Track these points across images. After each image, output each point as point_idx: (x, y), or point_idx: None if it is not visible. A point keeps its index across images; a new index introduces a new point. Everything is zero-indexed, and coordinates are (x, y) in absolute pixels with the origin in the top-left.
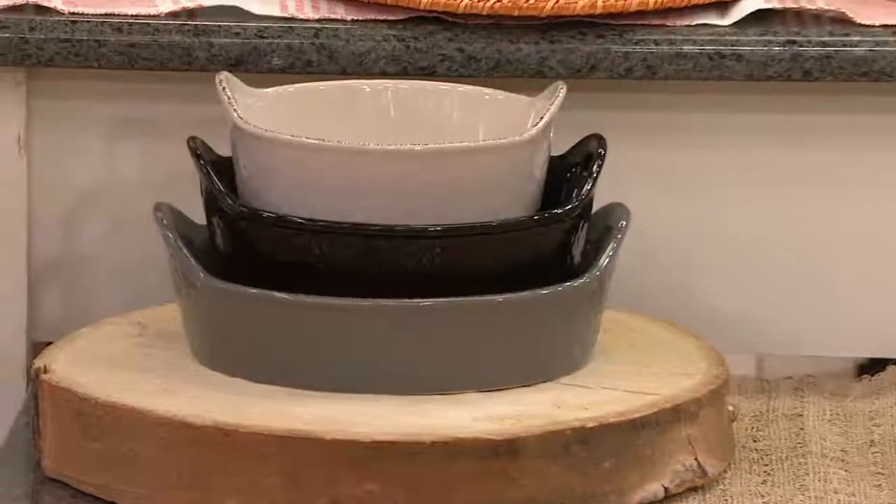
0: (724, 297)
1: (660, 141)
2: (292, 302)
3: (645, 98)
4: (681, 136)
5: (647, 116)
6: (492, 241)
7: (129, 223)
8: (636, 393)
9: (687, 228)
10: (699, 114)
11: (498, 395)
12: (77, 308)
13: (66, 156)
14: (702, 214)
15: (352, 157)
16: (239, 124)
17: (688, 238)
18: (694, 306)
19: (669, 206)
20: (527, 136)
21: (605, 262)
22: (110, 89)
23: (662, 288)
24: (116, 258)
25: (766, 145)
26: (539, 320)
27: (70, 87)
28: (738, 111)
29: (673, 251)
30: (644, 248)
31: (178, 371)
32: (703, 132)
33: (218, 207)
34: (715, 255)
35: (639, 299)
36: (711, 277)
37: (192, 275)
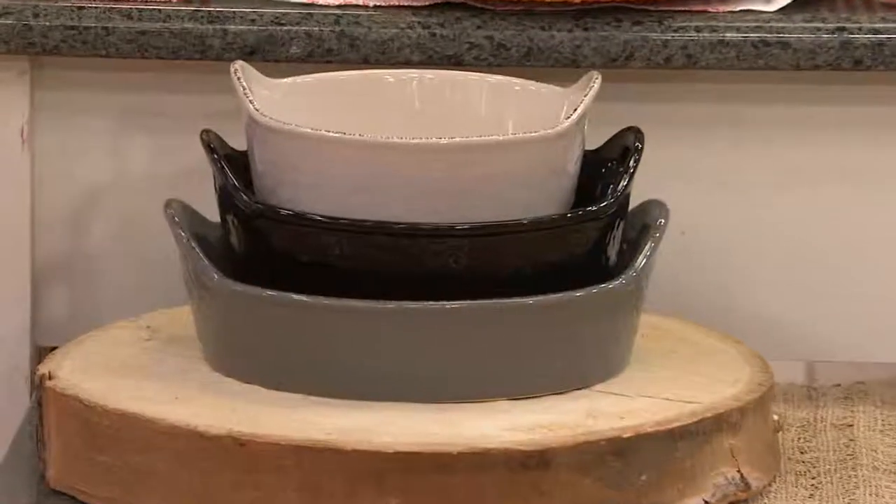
0: (768, 300)
1: (700, 134)
2: (311, 304)
3: (685, 89)
4: (723, 130)
5: (687, 108)
6: (522, 240)
7: (138, 221)
8: (675, 401)
9: (729, 227)
10: (742, 106)
11: (528, 403)
12: (83, 311)
13: (72, 150)
14: (745, 212)
15: (374, 151)
16: (255, 116)
17: (730, 237)
18: (736, 309)
19: (710, 203)
20: (559, 130)
21: (643, 262)
22: (119, 79)
23: (703, 290)
24: (125, 258)
25: (815, 139)
26: (572, 324)
27: (76, 78)
28: (783, 102)
29: (714, 251)
30: (684, 248)
31: (190, 378)
32: (747, 125)
33: (233, 204)
34: (759, 256)
35: (678, 302)
36: (755, 279)
37: (206, 276)
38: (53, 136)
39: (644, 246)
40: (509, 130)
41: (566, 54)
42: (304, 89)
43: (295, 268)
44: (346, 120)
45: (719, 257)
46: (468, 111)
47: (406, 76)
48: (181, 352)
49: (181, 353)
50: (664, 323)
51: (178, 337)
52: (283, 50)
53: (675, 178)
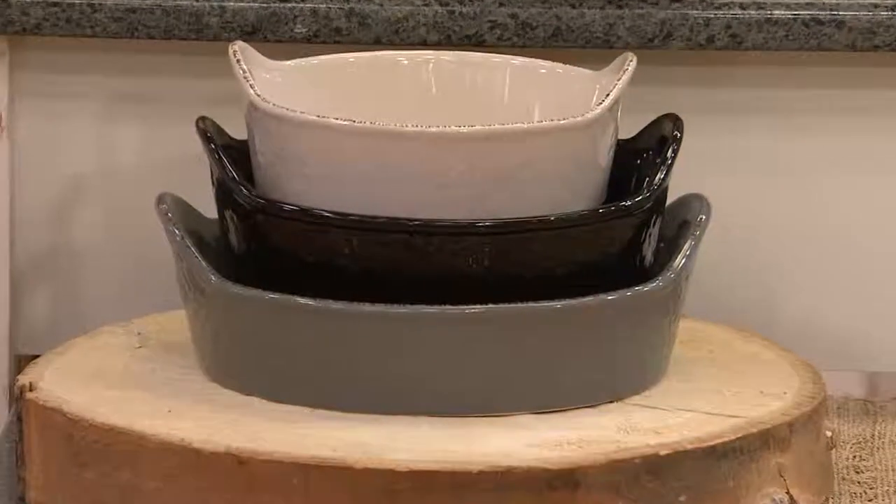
0: (821, 303)
1: (745, 122)
2: (318, 309)
3: (728, 72)
4: (770, 117)
5: (731, 94)
6: (549, 238)
7: (128, 217)
8: (717, 415)
9: (777, 223)
10: (792, 91)
11: (556, 417)
12: (67, 316)
13: (56, 139)
14: (795, 208)
15: (387, 140)
16: (256, 102)
17: (778, 235)
18: (785, 314)
19: (756, 197)
20: (590, 117)
21: (682, 262)
22: (106, 62)
23: (748, 292)
24: (113, 258)
25: (872, 127)
26: (604, 330)
27: (60, 60)
28: (838, 87)
29: (760, 250)
30: (727, 247)
31: (184, 389)
32: (797, 112)
33: (231, 199)
34: (810, 255)
35: (720, 306)
36: (806, 280)
37: (202, 277)
38: (35, 124)
39: (683, 244)
40: (535, 118)
41: (598, 34)
42: (310, 72)
43: (300, 269)
44: (356, 106)
45: (766, 256)
46: (490, 97)
47: (422, 58)
48: (175, 360)
49: (175, 362)
50: (705, 329)
51: (172, 344)
52: (287, 29)
53: (717, 171)
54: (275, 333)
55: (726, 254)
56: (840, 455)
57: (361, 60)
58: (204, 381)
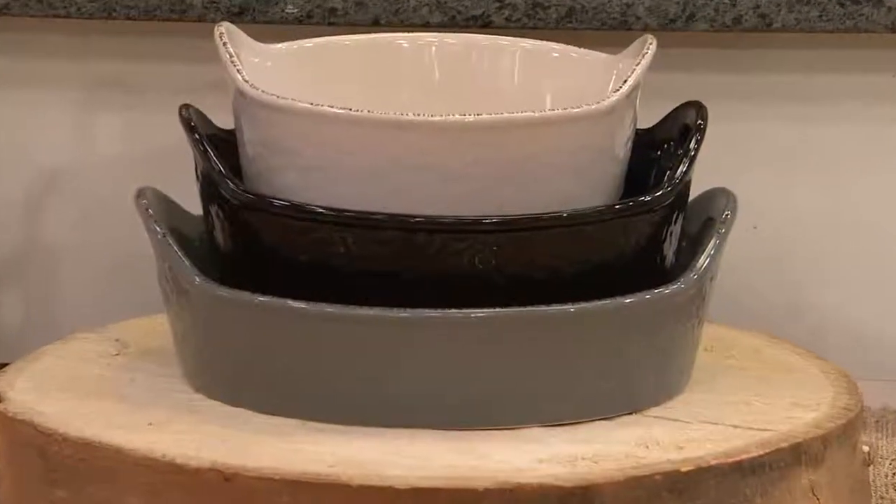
0: (856, 308)
1: (775, 110)
2: (311, 313)
3: (757, 56)
4: (802, 105)
5: (760, 79)
6: (562, 236)
7: (105, 213)
8: (744, 428)
9: (809, 220)
10: (826, 76)
11: (569, 430)
12: (40, 320)
13: (28, 128)
14: (829, 203)
15: (386, 130)
16: (244, 89)
17: (811, 233)
18: (818, 319)
19: (787, 192)
20: (607, 105)
21: (706, 262)
22: (82, 45)
23: (778, 295)
24: (89, 257)
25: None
26: (621, 336)
27: (32, 43)
28: (876, 71)
29: (791, 249)
30: (755, 246)
31: (166, 400)
32: (832, 99)
33: (217, 194)
34: (845, 255)
35: (747, 310)
36: (841, 283)
37: (185, 278)
38: (4, 113)
39: (707, 243)
40: (547, 106)
41: (615, 14)
42: (303, 57)
43: (291, 269)
44: (353, 93)
45: (798, 256)
46: (498, 83)
47: (424, 41)
48: (156, 369)
49: (155, 371)
50: (731, 335)
51: (152, 351)
52: (278, 10)
53: (744, 163)
54: (264, 339)
55: (754, 253)
56: (878, 472)
57: (358, 43)
58: (187, 391)
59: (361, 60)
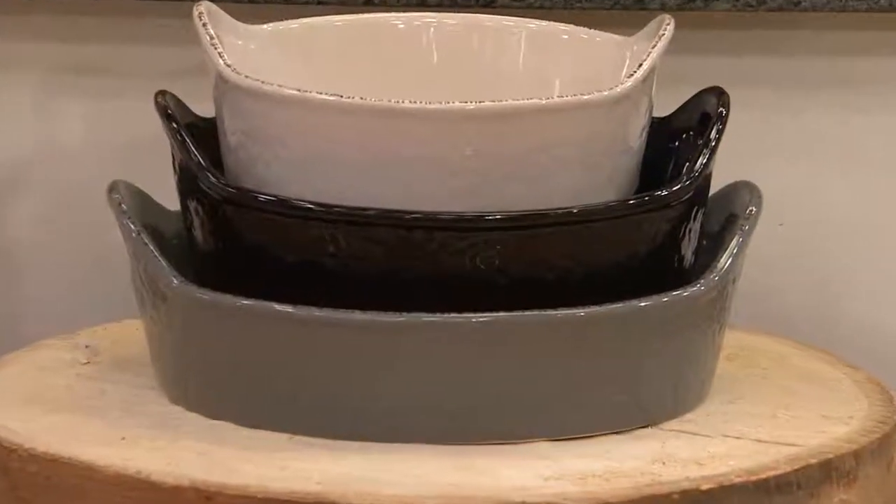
0: (891, 313)
1: (803, 97)
2: (299, 318)
3: (783, 38)
4: (833, 91)
5: (787, 63)
6: (572, 234)
7: (73, 209)
8: (770, 443)
9: (840, 217)
10: (859, 60)
11: (578, 445)
12: (2, 325)
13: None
14: (862, 199)
15: (380, 119)
16: (225, 74)
17: (841, 230)
18: (850, 324)
19: (816, 186)
20: (620, 91)
21: (728, 262)
22: (48, 25)
23: (807, 299)
24: (57, 256)
25: None
26: (636, 343)
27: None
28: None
29: (821, 248)
30: (781, 245)
31: (140, 413)
32: (865, 85)
33: (197, 188)
34: (879, 254)
35: (774, 315)
36: (874, 285)
37: (162, 280)
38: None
39: (729, 241)
40: (555, 92)
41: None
42: (290, 38)
43: (277, 270)
44: (344, 79)
45: (828, 256)
46: (502, 67)
47: (421, 21)
48: (130, 379)
49: (130, 381)
50: (756, 341)
51: (126, 359)
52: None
53: (770, 154)
54: (248, 346)
55: (780, 252)
56: None
57: (350, 24)
58: (164, 403)
59: (353, 43)
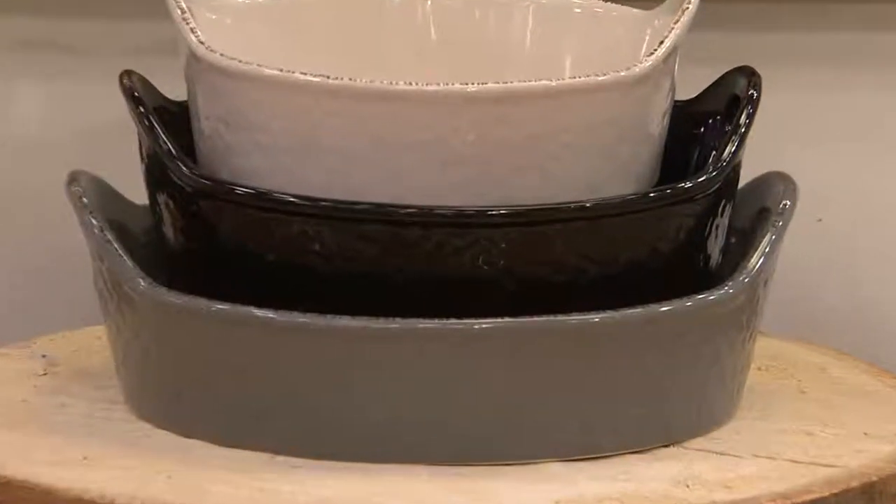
0: None
1: (843, 78)
2: (280, 324)
3: (820, 11)
4: (876, 71)
5: (825, 40)
6: (585, 231)
7: (29, 203)
8: (806, 463)
9: (884, 212)
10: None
11: (593, 465)
12: None
13: None
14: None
15: (371, 102)
16: (198, 52)
17: (885, 227)
18: (894, 330)
19: (857, 178)
20: (639, 71)
21: (760, 262)
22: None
23: (846, 302)
24: (10, 256)
25: None
26: (657, 352)
27: None
28: None
29: (863, 247)
30: (818, 243)
31: (104, 429)
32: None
33: (167, 179)
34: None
35: (810, 321)
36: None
37: (128, 282)
38: None
39: (761, 239)
40: (566, 72)
41: None
42: (270, 13)
43: (257, 271)
44: (330, 57)
45: (871, 256)
46: (507, 45)
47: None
48: (91, 392)
49: (91, 395)
50: (790, 350)
51: (87, 370)
52: None
53: (806, 141)
54: (225, 356)
55: (818, 251)
56: None
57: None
58: (130, 419)
59: (341, 18)
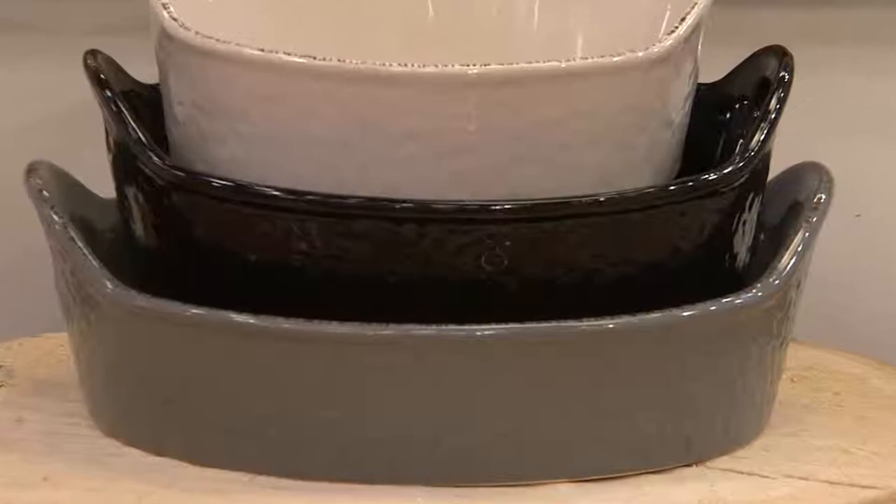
0: None
1: (885, 58)
2: (262, 330)
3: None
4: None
5: (864, 17)
6: (598, 227)
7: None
8: (843, 485)
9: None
10: None
11: (607, 486)
12: None
13: None
14: None
15: (363, 86)
16: (171, 30)
17: None
18: None
19: None
20: (658, 51)
21: (791, 263)
22: None
23: (889, 306)
24: None
25: None
26: (678, 361)
27: None
28: None
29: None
30: (856, 241)
31: (66, 447)
32: None
33: (137, 170)
34: None
35: (847, 328)
36: None
37: (94, 284)
38: None
39: (793, 237)
40: (577, 52)
41: None
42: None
43: (236, 272)
44: (319, 37)
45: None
46: (512, 23)
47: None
48: (52, 406)
49: (52, 409)
50: (826, 360)
51: (48, 382)
52: None
53: (843, 129)
54: (200, 365)
55: (857, 249)
56: None
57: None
58: (96, 434)
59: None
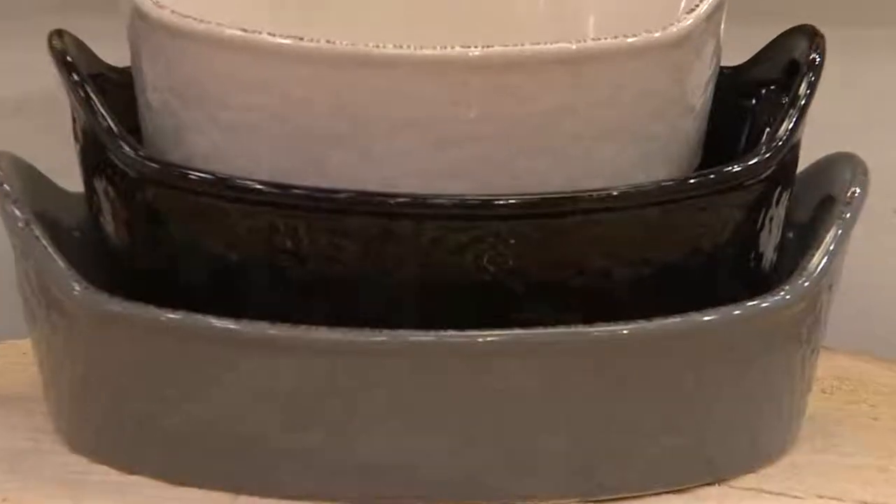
0: None
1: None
2: (245, 336)
3: None
4: None
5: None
6: (611, 224)
7: None
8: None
9: None
10: None
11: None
12: None
13: None
14: None
15: (354, 69)
16: (144, 8)
17: None
18: None
19: None
20: (677, 32)
21: (823, 263)
22: None
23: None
24: None
25: None
26: (698, 371)
27: None
28: None
29: None
30: (893, 240)
31: (30, 465)
32: None
33: (107, 162)
34: None
35: (885, 334)
36: None
37: (60, 285)
38: None
39: (824, 235)
40: (589, 33)
41: None
42: None
43: (216, 272)
44: (307, 16)
45: None
46: (516, 2)
47: None
48: (15, 420)
49: (12, 423)
50: (860, 369)
51: (9, 394)
52: None
53: (878, 117)
54: (177, 375)
55: (893, 250)
56: None
57: None
58: (62, 451)
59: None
